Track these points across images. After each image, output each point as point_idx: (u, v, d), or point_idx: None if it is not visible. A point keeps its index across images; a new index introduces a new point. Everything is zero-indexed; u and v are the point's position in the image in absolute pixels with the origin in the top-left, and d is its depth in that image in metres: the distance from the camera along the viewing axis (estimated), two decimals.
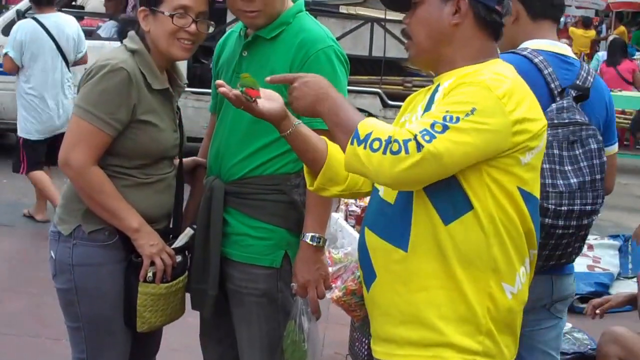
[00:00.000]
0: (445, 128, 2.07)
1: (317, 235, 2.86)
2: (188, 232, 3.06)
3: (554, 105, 2.85)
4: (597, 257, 6.54)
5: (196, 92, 9.00)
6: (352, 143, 2.13)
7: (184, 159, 3.18)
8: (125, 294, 2.94)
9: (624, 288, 5.79)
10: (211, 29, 2.98)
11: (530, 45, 2.95)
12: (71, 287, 2.93)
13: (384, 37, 9.17)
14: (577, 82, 2.94)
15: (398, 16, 8.95)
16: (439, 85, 2.30)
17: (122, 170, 2.90)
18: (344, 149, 2.19)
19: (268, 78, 2.40)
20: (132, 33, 2.94)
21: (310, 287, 2.87)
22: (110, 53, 2.94)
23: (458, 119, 2.08)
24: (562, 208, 2.80)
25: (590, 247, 6.69)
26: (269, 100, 2.37)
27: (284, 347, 2.87)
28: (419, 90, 2.51)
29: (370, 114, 9.38)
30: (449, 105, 2.13)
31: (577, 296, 5.77)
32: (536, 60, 2.88)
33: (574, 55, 3.06)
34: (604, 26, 19.63)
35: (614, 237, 6.99)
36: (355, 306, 4.00)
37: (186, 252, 3.05)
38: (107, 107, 2.80)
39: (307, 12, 3.01)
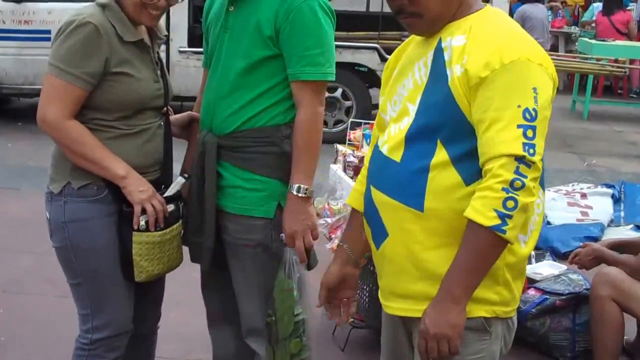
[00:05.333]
0: (534, 130, 2.05)
1: (303, 186, 2.85)
2: (179, 181, 3.04)
3: None
4: (588, 205, 6.48)
5: (197, 52, 8.97)
6: (504, 232, 2.05)
7: (179, 115, 3.16)
8: (119, 246, 2.92)
9: (616, 236, 5.74)
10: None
11: None
12: (66, 245, 2.92)
13: None
14: None
15: None
16: (441, 42, 2.22)
17: (103, 123, 2.86)
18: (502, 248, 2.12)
19: None
20: None
21: (297, 237, 2.87)
22: (80, 9, 2.90)
23: (536, 112, 2.05)
24: None
25: (584, 196, 6.65)
26: None
27: (275, 296, 2.88)
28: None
29: (369, 69, 9.31)
30: (513, 97, 2.07)
31: (567, 252, 5.72)
32: None
33: None
34: None
35: (609, 186, 6.95)
36: None
37: (179, 201, 3.03)
38: (77, 62, 2.77)
39: None
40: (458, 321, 2.13)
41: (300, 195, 2.85)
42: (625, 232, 5.88)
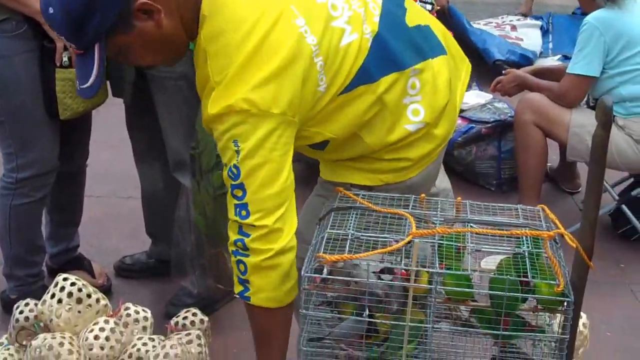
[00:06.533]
0: (242, 188, 1.83)
1: None
2: None
3: None
4: (519, 37, 6.49)
5: None
6: (248, 299, 1.90)
7: None
8: (42, 82, 2.84)
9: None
10: None
11: None
12: None
13: None
14: None
15: None
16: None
17: None
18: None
19: None
20: None
21: None
22: None
23: (238, 169, 1.83)
24: None
25: (514, 28, 6.64)
26: None
27: (197, 128, 2.83)
28: None
29: None
30: (222, 158, 1.87)
31: (500, 61, 5.74)
32: None
33: None
34: None
35: (537, 17, 6.93)
36: None
37: None
38: None
39: None
40: None
41: None
42: (553, 63, 5.91)
